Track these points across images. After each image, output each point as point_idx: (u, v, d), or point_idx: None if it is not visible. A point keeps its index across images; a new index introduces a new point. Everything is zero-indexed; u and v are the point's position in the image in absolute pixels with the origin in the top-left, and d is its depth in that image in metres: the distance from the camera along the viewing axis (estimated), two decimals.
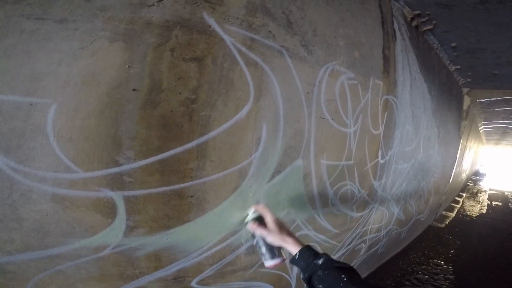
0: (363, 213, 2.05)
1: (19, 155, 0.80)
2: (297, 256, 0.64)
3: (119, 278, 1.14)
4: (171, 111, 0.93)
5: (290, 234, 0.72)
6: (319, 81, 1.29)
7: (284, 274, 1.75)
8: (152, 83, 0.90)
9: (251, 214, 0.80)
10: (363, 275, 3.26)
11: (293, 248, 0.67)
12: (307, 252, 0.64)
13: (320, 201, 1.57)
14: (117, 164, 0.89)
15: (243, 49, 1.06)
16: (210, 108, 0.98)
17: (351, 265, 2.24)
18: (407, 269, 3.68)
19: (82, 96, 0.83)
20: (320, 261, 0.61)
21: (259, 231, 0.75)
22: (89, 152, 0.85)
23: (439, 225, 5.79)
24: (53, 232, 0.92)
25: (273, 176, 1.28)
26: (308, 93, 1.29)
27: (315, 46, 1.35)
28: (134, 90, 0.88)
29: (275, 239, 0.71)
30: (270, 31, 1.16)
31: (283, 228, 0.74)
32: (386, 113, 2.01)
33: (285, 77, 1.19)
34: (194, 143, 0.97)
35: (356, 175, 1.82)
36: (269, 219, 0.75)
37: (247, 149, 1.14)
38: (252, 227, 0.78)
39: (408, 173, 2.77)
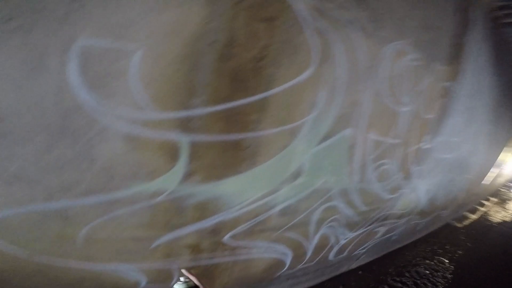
0: (393, 196, 2.30)
1: (103, 93, 0.96)
2: None
3: (164, 227, 1.42)
4: (241, 65, 1.11)
5: None
6: (383, 58, 1.45)
7: (303, 242, 2.04)
8: (227, 39, 1.05)
9: (182, 283, 0.84)
10: (370, 258, 3.71)
11: None
12: None
13: (359, 174, 1.77)
14: (189, 108, 1.08)
15: (313, 16, 1.18)
16: (275, 67, 1.15)
17: (364, 246, 2.55)
18: (412, 261, 4.20)
19: (166, 44, 0.98)
20: None
21: None
22: (166, 95, 1.03)
23: (457, 224, 6.23)
24: (119, 175, 1.13)
25: (321, 141, 1.46)
26: (370, 67, 1.42)
27: (384, 24, 1.46)
28: (211, 43, 1.03)
29: None
30: (342, 3, 1.26)
31: None
32: (442, 100, 2.12)
33: (349, 49, 1.35)
34: (257, 97, 1.17)
35: (398, 156, 2.00)
36: None
37: (303, 110, 1.34)
38: None
39: (446, 165, 2.98)
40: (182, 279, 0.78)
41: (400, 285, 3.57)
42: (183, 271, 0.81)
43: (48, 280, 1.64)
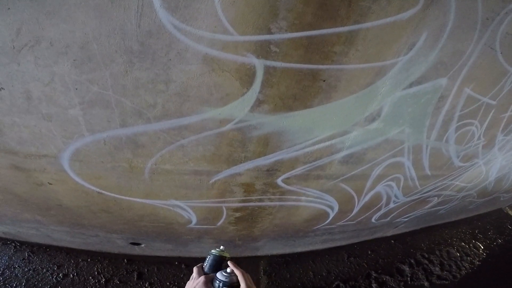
0: (464, 164, 2.03)
1: (184, 14, 0.90)
2: None
3: (226, 161, 1.42)
4: None
5: None
6: (505, 13, 1.19)
7: (355, 197, 1.94)
8: None
9: (224, 275, 0.73)
10: (408, 229, 3.57)
11: None
12: None
13: (439, 131, 1.53)
14: (269, 31, 0.97)
15: None
16: (372, 0, 0.96)
17: (410, 215, 2.36)
18: (447, 240, 3.99)
19: None
20: None
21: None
22: (247, 17, 0.93)
23: (510, 212, 5.59)
24: (192, 98, 1.11)
25: (410, 86, 1.25)
26: (487, 19, 1.18)
27: None
28: None
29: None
30: None
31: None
32: None
33: None
34: (346, 28, 1.00)
35: (488, 118, 1.67)
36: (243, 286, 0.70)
37: (397, 50, 1.13)
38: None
39: None
40: (226, 271, 0.73)
41: (426, 262, 3.48)
42: (230, 263, 0.75)
43: (112, 217, 1.85)
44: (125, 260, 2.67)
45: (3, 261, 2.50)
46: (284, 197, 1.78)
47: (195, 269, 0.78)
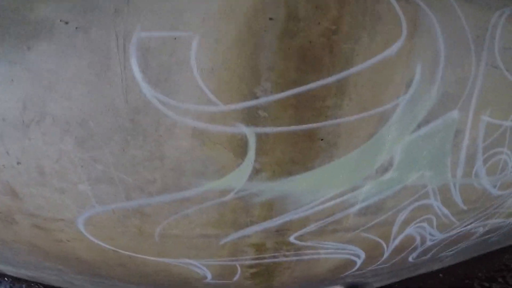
0: (504, 192, 1.74)
1: (166, 88, 0.91)
2: None
3: (232, 225, 1.36)
4: (310, 41, 0.90)
5: None
6: (493, 25, 1.14)
7: (383, 243, 1.70)
8: (288, 12, 0.87)
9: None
10: (458, 260, 3.05)
11: None
12: None
13: (464, 168, 1.35)
14: (254, 96, 0.94)
15: None
16: (353, 41, 0.92)
17: (454, 247, 2.02)
18: (509, 265, 3.33)
19: (222, 27, 0.87)
20: None
21: None
22: (229, 83, 0.91)
23: None
24: (188, 172, 1.09)
25: (419, 127, 1.12)
26: (478, 37, 1.12)
27: None
28: (271, 19, 0.86)
29: None
30: None
31: None
32: None
33: (446, 16, 1.06)
34: (334, 78, 0.94)
35: None
36: None
37: (395, 90, 1.04)
38: None
39: None
40: None
41: None
42: None
43: (129, 271, 1.79)
44: None
45: None
46: (300, 252, 1.61)
47: None
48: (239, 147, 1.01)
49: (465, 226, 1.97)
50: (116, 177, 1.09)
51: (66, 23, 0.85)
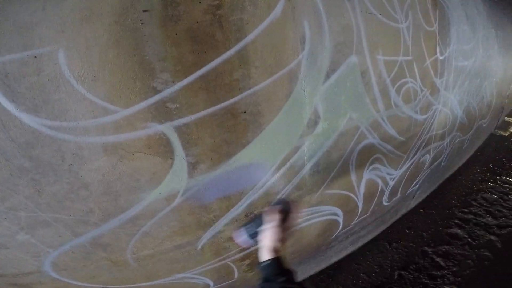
0: (426, 115, 1.92)
1: (49, 111, 0.77)
2: (268, 263, 0.68)
3: (197, 227, 1.24)
4: (197, 21, 0.85)
5: (279, 244, 0.71)
6: None
7: (351, 194, 1.75)
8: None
9: (285, 200, 0.76)
10: (426, 193, 3.25)
11: (268, 255, 0.69)
12: (277, 263, 0.68)
13: (383, 101, 1.45)
14: (155, 91, 0.85)
15: None
16: (239, 11, 0.89)
17: (416, 181, 2.18)
18: (472, 186, 3.58)
19: (87, 32, 0.76)
20: (281, 279, 0.66)
21: (277, 217, 0.73)
22: (120, 86, 0.81)
23: (502, 133, 5.42)
24: (121, 191, 0.95)
25: (327, 76, 1.16)
26: None
27: None
28: (145, 11, 0.79)
29: (274, 236, 0.70)
30: None
31: (284, 237, 0.73)
32: (437, 10, 1.84)
33: None
34: (232, 50, 0.90)
35: (416, 71, 1.64)
36: (294, 223, 0.74)
37: (293, 48, 1.05)
38: (272, 209, 0.74)
39: (469, 72, 2.55)
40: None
41: (472, 216, 3.00)
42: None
43: None
44: None
45: None
46: None
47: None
48: (162, 147, 0.91)
49: (412, 157, 2.12)
50: (49, 219, 0.93)
51: None
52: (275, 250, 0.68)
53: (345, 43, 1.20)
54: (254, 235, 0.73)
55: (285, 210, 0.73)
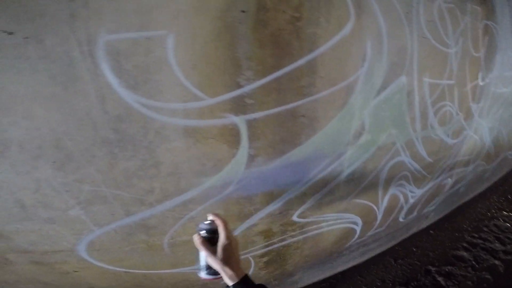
0: (457, 140, 2.03)
1: (147, 90, 0.86)
2: None
3: (237, 218, 1.36)
4: (280, 29, 0.98)
5: (232, 265, 0.67)
6: (417, 2, 1.32)
7: (374, 206, 1.86)
8: (258, 4, 0.93)
9: (205, 224, 0.71)
10: (440, 215, 3.34)
11: (229, 281, 0.66)
12: (244, 284, 0.66)
13: (421, 121, 1.59)
14: (239, 86, 0.97)
15: None
16: (314, 25, 1.02)
17: (433, 202, 2.27)
18: (487, 214, 3.67)
19: (195, 22, 0.86)
20: None
21: (203, 249, 0.69)
22: (212, 77, 0.93)
23: None
24: (186, 173, 1.07)
25: (378, 93, 1.30)
26: (407, 13, 1.30)
27: None
28: (243, 11, 0.91)
29: (215, 264, 0.67)
30: None
31: (230, 255, 0.68)
32: (486, 36, 1.96)
33: None
34: (304, 59, 1.04)
35: (456, 95, 1.74)
36: (221, 239, 0.68)
37: (354, 64, 1.20)
38: (196, 241, 0.70)
39: (506, 99, 2.67)
40: (209, 218, 0.72)
41: (480, 241, 3.10)
42: (211, 214, 0.73)
43: None
44: None
45: None
46: (304, 229, 1.69)
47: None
48: (232, 137, 1.04)
49: (436, 178, 2.22)
50: (109, 195, 1.01)
51: (10, 33, 0.73)
52: (233, 273, 0.65)
53: (398, 64, 1.35)
54: (211, 269, 0.69)
55: (210, 235, 0.70)
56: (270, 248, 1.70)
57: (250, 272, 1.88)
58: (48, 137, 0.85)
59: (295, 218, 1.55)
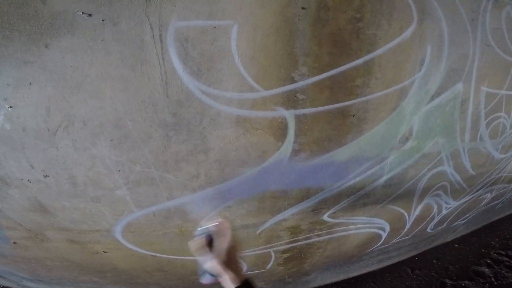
0: (505, 155, 1.94)
1: (209, 78, 0.90)
2: None
3: (269, 211, 1.40)
4: (339, 28, 0.99)
5: (234, 268, 0.66)
6: (483, 9, 1.27)
7: (405, 214, 1.83)
8: (319, 2, 0.94)
9: (204, 228, 0.72)
10: (469, 230, 3.22)
11: (230, 284, 0.65)
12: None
13: (471, 132, 1.52)
14: (292, 80, 1.00)
15: None
16: (375, 27, 1.02)
17: (466, 216, 2.17)
18: None
19: (258, 15, 0.89)
20: None
21: (204, 253, 0.68)
22: (268, 70, 0.96)
23: None
24: (232, 162, 1.11)
25: (432, 99, 1.28)
26: (472, 20, 1.26)
27: None
28: (303, 8, 0.93)
29: (218, 267, 0.66)
30: None
31: (233, 258, 0.67)
32: None
33: (447, 3, 1.18)
34: (361, 60, 1.04)
35: None
36: (227, 242, 0.68)
37: (411, 68, 1.18)
38: (197, 245, 0.69)
39: None
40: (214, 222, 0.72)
41: (506, 259, 2.98)
42: (209, 219, 0.74)
43: (167, 275, 1.80)
44: None
45: None
46: (332, 230, 1.71)
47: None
48: (279, 130, 1.08)
49: (475, 192, 2.13)
50: (157, 177, 1.07)
51: (90, 15, 0.78)
52: (235, 276, 0.65)
53: (457, 71, 1.31)
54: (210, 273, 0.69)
55: (210, 239, 0.70)
56: (294, 244, 1.74)
57: (268, 266, 1.94)
58: (110, 116, 0.91)
59: (325, 217, 1.57)
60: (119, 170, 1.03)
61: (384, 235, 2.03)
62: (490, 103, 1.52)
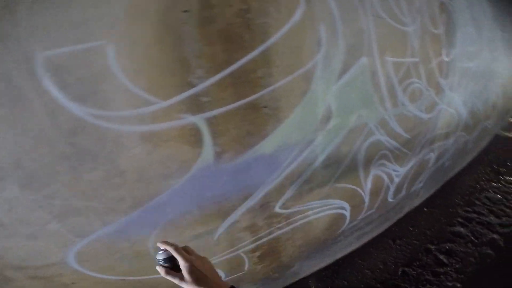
0: (431, 114, 2.05)
1: (96, 101, 0.86)
2: None
3: (217, 217, 1.35)
4: (228, 24, 0.97)
5: (208, 283, 0.63)
6: None
7: (358, 189, 1.87)
8: (201, 2, 0.92)
9: (159, 254, 0.67)
10: (430, 192, 3.38)
11: None
12: None
13: (390, 100, 1.58)
14: (191, 85, 0.97)
15: None
16: (264, 15, 1.02)
17: (420, 179, 2.30)
18: (476, 186, 3.70)
19: (134, 29, 0.86)
20: None
21: (170, 279, 0.64)
22: (160, 80, 0.92)
23: (507, 134, 5.51)
24: (153, 178, 1.06)
25: (340, 76, 1.30)
26: None
27: None
28: (185, 11, 0.91)
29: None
30: None
31: (200, 275, 0.63)
32: (443, 14, 2.00)
33: None
34: (257, 51, 1.04)
35: (422, 72, 1.77)
36: (182, 264, 0.62)
37: (310, 50, 1.19)
38: (161, 273, 0.65)
39: (474, 73, 2.73)
40: (161, 248, 0.66)
41: (475, 215, 3.11)
42: (159, 243, 0.68)
43: None
44: None
45: None
46: (291, 220, 1.68)
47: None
48: (192, 137, 1.03)
49: (417, 154, 2.25)
50: (81, 207, 1.02)
51: None
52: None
53: (357, 46, 1.35)
54: None
55: (170, 263, 0.65)
56: (259, 242, 1.69)
57: (246, 268, 1.88)
58: (7, 159, 0.84)
59: (277, 209, 1.53)
60: (40, 207, 0.96)
61: (347, 213, 2.05)
62: (399, 71, 1.60)
